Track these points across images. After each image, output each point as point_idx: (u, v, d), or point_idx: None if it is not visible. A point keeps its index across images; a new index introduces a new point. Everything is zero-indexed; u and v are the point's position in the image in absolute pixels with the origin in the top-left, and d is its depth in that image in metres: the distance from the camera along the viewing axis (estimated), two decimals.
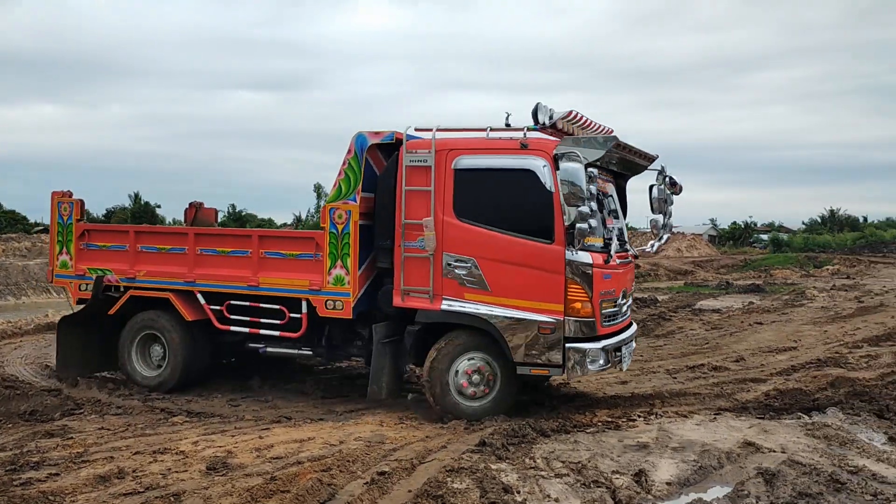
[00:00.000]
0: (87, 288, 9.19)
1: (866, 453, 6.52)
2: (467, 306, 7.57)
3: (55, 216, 9.37)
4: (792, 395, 8.81)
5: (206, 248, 8.77)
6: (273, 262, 8.42)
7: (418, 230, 7.65)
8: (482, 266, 7.54)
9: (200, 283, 8.72)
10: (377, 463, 5.91)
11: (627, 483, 5.61)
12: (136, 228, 9.50)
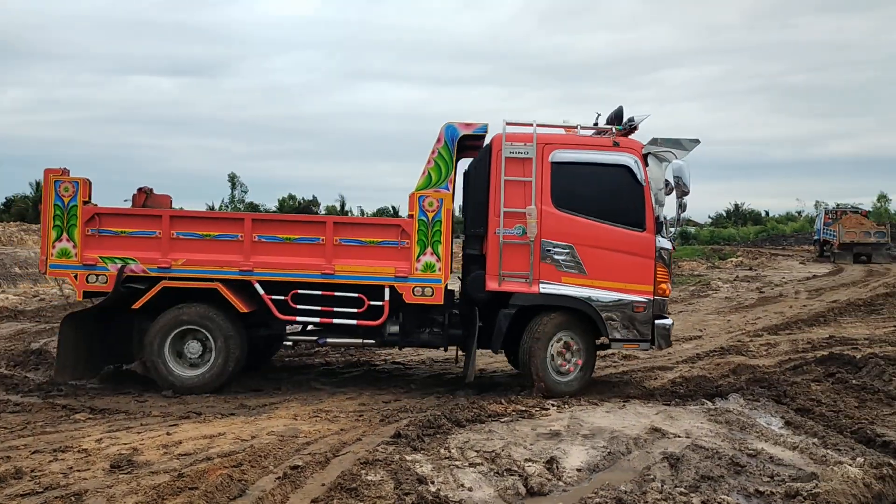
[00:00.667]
0: (98, 280, 8.13)
1: (764, 437, 6.83)
2: (566, 289, 8.23)
3: (51, 197, 8.07)
4: (696, 382, 9.16)
5: (265, 234, 8.24)
6: (350, 250, 8.24)
7: (515, 218, 8.16)
8: (580, 252, 8.26)
9: (259, 271, 8.22)
10: (290, 457, 5.81)
11: (539, 470, 5.70)
12: (172, 213, 8.50)
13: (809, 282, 25.31)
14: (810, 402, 7.93)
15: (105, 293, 8.20)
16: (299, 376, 9.44)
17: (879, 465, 5.57)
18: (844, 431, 7.03)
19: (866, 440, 6.79)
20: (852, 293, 21.59)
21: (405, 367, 10.33)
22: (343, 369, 10.04)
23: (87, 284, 8.15)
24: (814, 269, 30.68)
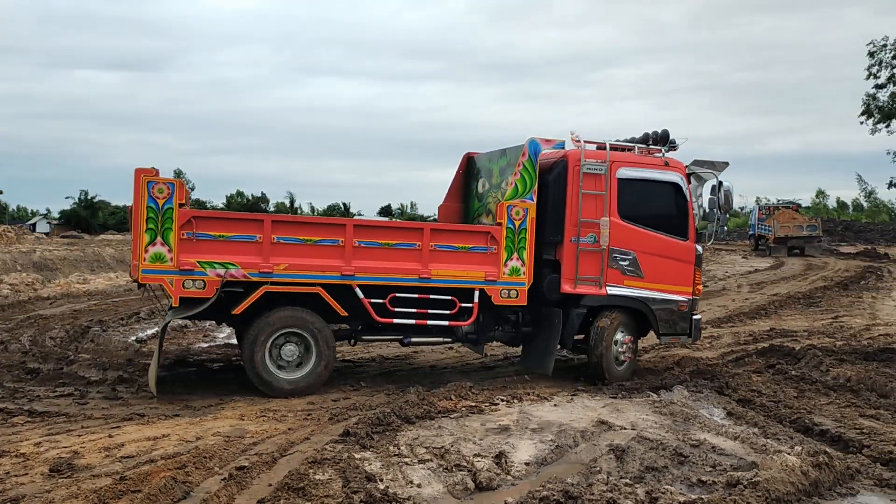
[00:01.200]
0: (195, 285, 7.82)
1: (707, 428, 6.99)
2: (628, 291, 9.28)
3: (143, 199, 7.66)
4: (642, 375, 9.32)
5: (365, 240, 8.35)
6: (443, 255, 8.58)
7: (589, 227, 9.05)
8: (640, 258, 9.30)
9: (360, 276, 8.30)
10: (236, 458, 5.73)
11: (488, 465, 5.73)
12: (273, 217, 8.42)
13: (751, 276, 25.97)
14: (751, 393, 8.14)
15: (202, 299, 7.90)
16: (246, 376, 9.30)
17: (816, 454, 5.74)
18: (783, 421, 7.23)
19: (804, 429, 7.01)
20: (792, 286, 22.22)
21: (355, 364, 10.27)
22: None
23: (184, 290, 7.83)
24: (755, 264, 31.47)
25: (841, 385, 8.69)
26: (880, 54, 74.55)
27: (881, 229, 57.73)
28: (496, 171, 9.76)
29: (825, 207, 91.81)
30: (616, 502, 5.00)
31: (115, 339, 11.76)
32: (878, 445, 6.40)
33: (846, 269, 27.62)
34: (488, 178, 9.96)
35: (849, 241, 50.94)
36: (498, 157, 9.76)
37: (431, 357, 10.91)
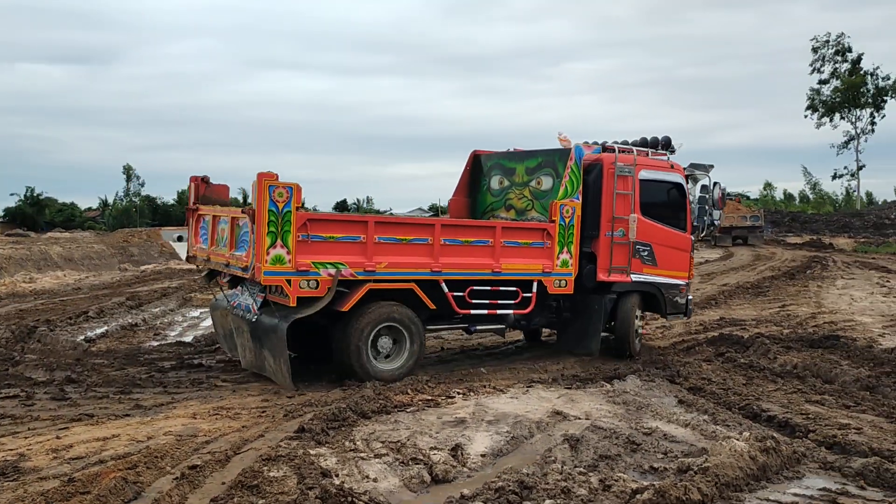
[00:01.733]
0: (309, 285, 8.07)
1: (659, 416, 7.11)
2: (646, 277, 10.56)
3: (265, 203, 7.79)
4: (596, 365, 9.44)
5: (449, 238, 8.93)
6: (511, 250, 9.35)
7: (620, 223, 10.12)
8: (655, 249, 10.59)
9: (446, 271, 8.89)
10: (189, 457, 5.64)
11: (444, 458, 5.75)
12: (376, 219, 8.98)
13: (702, 267, 26.50)
14: (701, 381, 8.31)
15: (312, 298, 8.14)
16: (199, 374, 9.17)
17: (763, 439, 5.88)
18: (733, 408, 7.40)
19: (752, 415, 7.18)
20: (741, 277, 22.74)
21: (310, 360, 10.19)
22: None
23: (300, 290, 8.05)
24: (706, 255, 32.10)
25: (787, 372, 8.92)
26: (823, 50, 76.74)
27: (826, 220, 59.38)
28: (521, 170, 10.71)
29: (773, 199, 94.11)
30: (570, 491, 5.05)
31: (63, 338, 11.47)
32: (823, 430, 6.58)
33: (793, 260, 28.35)
34: (507, 176, 10.91)
35: (795, 232, 52.32)
36: (523, 157, 10.77)
37: None
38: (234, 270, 8.49)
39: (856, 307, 15.59)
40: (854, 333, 11.59)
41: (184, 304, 16.34)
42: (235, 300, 9.08)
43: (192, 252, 9.74)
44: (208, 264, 9.27)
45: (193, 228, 9.66)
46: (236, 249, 8.43)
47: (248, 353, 8.91)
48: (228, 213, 8.80)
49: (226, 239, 8.69)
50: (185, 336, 12.30)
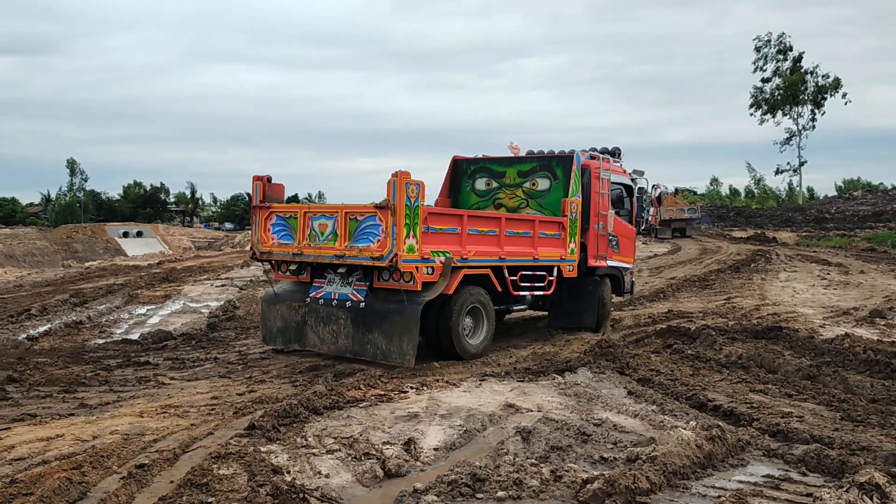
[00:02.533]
0: (427, 271, 9.13)
1: (609, 407, 7.22)
2: (614, 262, 12.57)
3: (402, 198, 8.75)
4: (548, 358, 9.53)
5: (510, 230, 10.39)
6: (541, 240, 10.90)
7: (601, 218, 12.06)
8: (619, 238, 12.64)
9: (507, 259, 10.32)
10: (136, 456, 5.53)
11: (397, 452, 5.74)
12: (468, 213, 10.19)
13: (651, 260, 26.95)
14: (650, 373, 8.45)
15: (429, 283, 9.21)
16: (146, 372, 9.00)
17: (709, 428, 6.01)
18: (680, 398, 7.55)
19: (699, 405, 7.33)
20: (689, 270, 23.19)
21: (261, 356, 10.08)
22: (195, 363, 9.66)
23: (423, 276, 9.07)
24: (655, 249, 32.66)
25: (733, 362, 9.13)
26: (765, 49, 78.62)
27: (769, 214, 60.89)
28: (512, 173, 12.26)
29: (719, 194, 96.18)
30: (522, 482, 5.10)
31: (4, 337, 11.14)
32: (767, 418, 6.76)
33: (738, 253, 29.02)
34: (495, 178, 12.42)
35: (740, 226, 53.53)
36: (513, 161, 12.37)
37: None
38: (356, 259, 9.11)
39: (798, 299, 16.04)
40: (796, 325, 11.92)
41: (130, 301, 15.99)
42: (318, 292, 9.76)
43: (263, 247, 10.05)
44: (298, 257, 9.67)
45: (262, 226, 10.05)
46: (354, 242, 9.10)
47: (340, 340, 9.52)
48: (334, 209, 9.49)
49: (330, 233, 9.35)
50: (132, 333, 12.05)
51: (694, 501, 4.96)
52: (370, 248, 8.92)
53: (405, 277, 9.02)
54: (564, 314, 12.13)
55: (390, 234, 8.76)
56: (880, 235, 39.21)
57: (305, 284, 10.11)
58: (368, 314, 9.25)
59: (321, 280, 9.83)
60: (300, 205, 10.37)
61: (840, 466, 5.46)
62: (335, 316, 9.53)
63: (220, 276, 21.04)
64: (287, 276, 10.31)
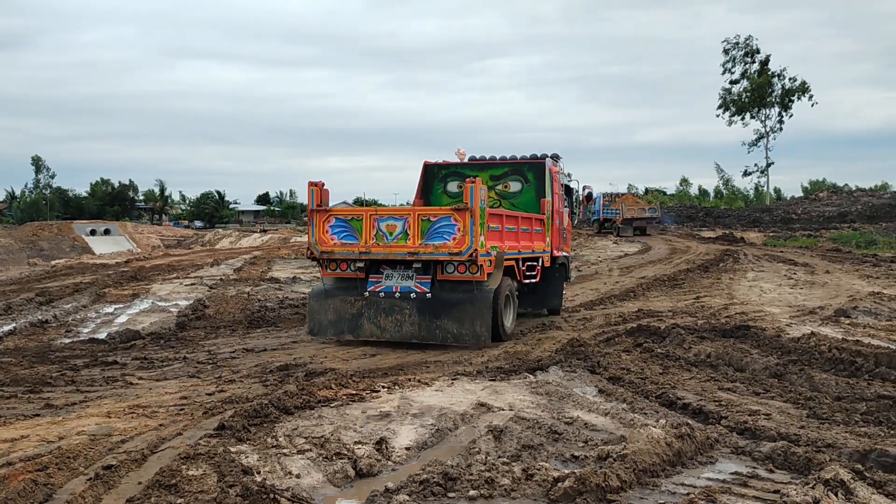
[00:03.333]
0: (487, 263, 10.47)
1: (580, 405, 7.26)
2: (565, 252, 14.52)
3: (478, 201, 10.10)
4: (520, 357, 9.56)
5: (524, 227, 12.17)
6: (534, 235, 12.63)
7: (558, 215, 13.91)
8: (567, 232, 14.85)
9: (523, 251, 11.97)
10: (103, 457, 5.45)
11: (369, 452, 5.72)
12: (506, 213, 11.66)
13: (621, 260, 27.17)
14: (621, 371, 8.51)
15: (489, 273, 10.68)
16: (113, 372, 8.87)
17: (679, 426, 6.07)
18: (650, 396, 7.61)
19: (669, 403, 7.40)
20: (658, 270, 23.41)
21: (231, 356, 9.99)
22: (163, 362, 9.54)
23: (486, 267, 10.47)
24: (625, 249, 32.93)
25: (701, 361, 9.23)
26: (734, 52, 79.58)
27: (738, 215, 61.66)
28: (484, 177, 12.96)
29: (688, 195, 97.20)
30: (494, 481, 5.11)
31: None
32: (735, 416, 6.84)
33: (707, 253, 29.36)
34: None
35: (709, 227, 54.14)
36: (484, 167, 13.66)
37: (311, 348, 10.77)
38: (433, 256, 10.28)
39: (765, 298, 16.27)
40: (763, 323, 12.09)
41: (97, 299, 15.77)
42: (377, 286, 10.72)
43: (322, 248, 10.87)
44: (366, 255, 10.59)
45: (320, 228, 10.87)
46: (428, 240, 10.29)
47: (405, 328, 10.51)
48: (404, 211, 10.84)
49: (400, 233, 10.40)
50: (99, 333, 11.88)
51: (664, 499, 5.01)
52: (447, 245, 10.17)
53: (473, 269, 10.38)
54: (538, 299, 13.64)
55: (468, 232, 10.08)
56: (845, 236, 39.87)
57: (352, 280, 10.97)
58: (435, 303, 10.39)
59: (377, 276, 10.77)
60: (364, 208, 11.75)
61: (806, 463, 5.54)
62: (398, 307, 10.50)
63: (189, 275, 20.81)
64: (336, 273, 11.07)
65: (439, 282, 10.52)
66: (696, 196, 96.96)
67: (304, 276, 20.69)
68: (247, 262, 25.49)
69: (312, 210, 10.89)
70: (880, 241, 35.64)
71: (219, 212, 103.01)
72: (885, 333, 11.37)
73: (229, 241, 45.46)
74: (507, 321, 11.30)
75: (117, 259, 27.27)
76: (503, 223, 11.13)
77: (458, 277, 10.43)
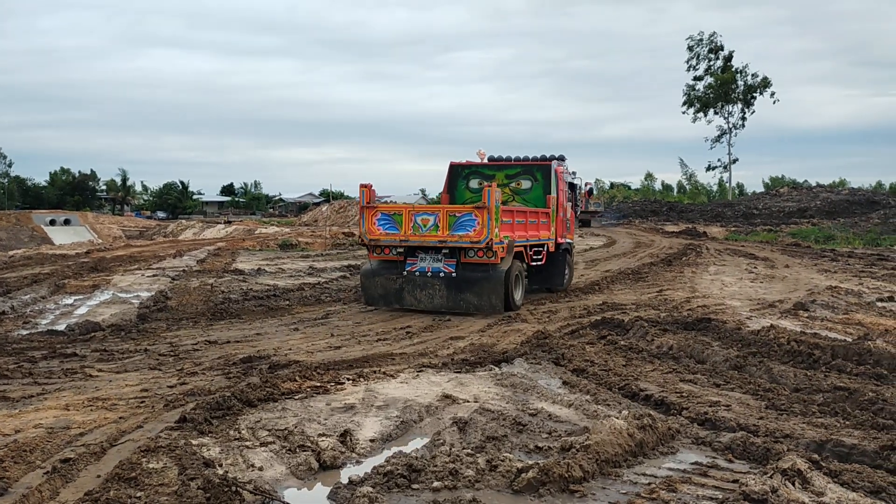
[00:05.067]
0: (501, 250, 12.98)
1: (544, 397, 7.31)
2: (569, 239, 16.87)
3: (494, 201, 12.54)
4: (485, 349, 9.59)
5: (531, 219, 14.63)
6: (539, 225, 15.07)
7: (563, 208, 16.30)
8: (570, 222, 17.13)
9: (530, 239, 14.50)
10: (61, 450, 5.36)
11: (333, 444, 5.70)
12: (516, 209, 14.20)
13: (587, 253, 27.37)
14: (585, 363, 8.59)
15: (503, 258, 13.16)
16: (72, 364, 8.71)
17: (641, 417, 6.14)
18: (613, 388, 7.69)
19: (631, 395, 7.48)
20: (623, 263, 23.63)
21: (193, 348, 9.87)
22: (124, 355, 9.39)
23: (501, 252, 12.97)
24: (591, 242, 33.17)
25: (664, 353, 9.35)
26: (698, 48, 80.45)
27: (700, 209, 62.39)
28: (500, 176, 15.71)
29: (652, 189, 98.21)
30: (458, 472, 5.12)
31: None
32: (696, 407, 6.95)
33: (670, 247, 29.70)
34: (487, 179, 15.46)
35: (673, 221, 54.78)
36: (501, 167, 15.99)
37: (275, 340, 10.68)
38: (458, 244, 12.87)
39: (726, 292, 16.51)
40: (724, 316, 12.27)
41: (56, 290, 15.46)
42: (413, 267, 13.34)
43: (371, 237, 13.45)
44: (405, 243, 13.28)
45: (369, 220, 13.44)
46: (454, 231, 12.85)
47: (437, 299, 13.11)
48: (435, 208, 13.66)
49: (432, 225, 12.98)
50: (58, 324, 11.65)
51: (625, 489, 5.07)
52: (469, 235, 12.76)
53: (489, 254, 12.84)
54: (542, 277, 15.94)
55: (486, 225, 12.60)
56: (804, 231, 40.62)
57: (392, 263, 13.63)
58: (460, 281, 13.01)
59: (413, 259, 13.38)
60: (405, 205, 14.95)
61: (765, 453, 5.65)
62: (430, 283, 13.15)
63: (151, 266, 20.50)
64: (381, 256, 13.73)
65: (462, 264, 13.06)
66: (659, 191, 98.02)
67: (269, 268, 20.51)
68: (210, 253, 25.18)
69: (363, 206, 13.56)
70: (838, 237, 36.38)
71: (182, 202, 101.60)
72: (842, 326, 11.61)
73: (193, 232, 44.85)
74: (517, 296, 13.76)
75: (77, 250, 26.76)
76: (514, 217, 13.69)
77: (478, 261, 12.94)
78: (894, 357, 8.86)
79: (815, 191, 65.32)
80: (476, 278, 12.97)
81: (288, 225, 55.93)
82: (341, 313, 13.18)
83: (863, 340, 10.07)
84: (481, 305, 12.96)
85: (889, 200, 54.06)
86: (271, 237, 34.08)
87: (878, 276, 19.61)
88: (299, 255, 25.96)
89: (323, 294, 15.65)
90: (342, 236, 35.26)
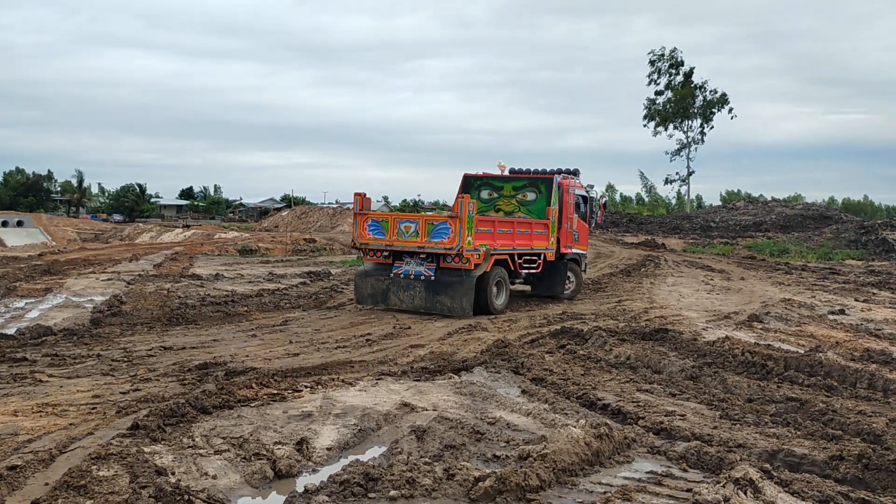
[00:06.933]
0: (477, 256, 13.78)
1: (503, 406, 7.32)
2: (576, 249, 17.57)
3: (466, 212, 13.43)
4: (445, 357, 9.58)
5: (520, 229, 15.38)
6: (536, 236, 15.83)
7: (569, 219, 17.10)
8: (579, 234, 17.72)
9: (518, 248, 15.21)
10: (7, 457, 5.21)
11: (289, 452, 5.63)
12: (498, 220, 15.04)
13: None
14: (544, 372, 8.63)
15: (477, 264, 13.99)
16: (22, 368, 8.48)
17: (598, 426, 6.19)
18: (571, 397, 7.74)
19: (589, 404, 7.54)
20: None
21: (148, 354, 9.69)
22: (76, 360, 9.17)
23: (475, 259, 13.77)
24: None
25: (622, 363, 9.44)
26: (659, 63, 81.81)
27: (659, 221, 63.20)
28: (508, 187, 16.98)
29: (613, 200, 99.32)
30: (415, 481, 5.10)
31: None
32: (652, 416, 7.03)
33: (629, 258, 30.04)
34: (496, 191, 17.03)
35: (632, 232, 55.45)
36: (509, 179, 17.24)
37: (233, 346, 10.54)
38: (433, 250, 13.79)
39: (683, 303, 16.76)
40: (681, 327, 12.45)
41: (7, 293, 15.07)
42: (398, 270, 14.36)
43: (362, 240, 14.61)
44: (389, 247, 14.32)
45: (361, 226, 14.59)
46: (431, 238, 13.78)
47: (416, 300, 14.09)
48: (416, 217, 14.83)
49: (413, 232, 13.98)
50: (8, 328, 11.34)
51: (582, 497, 5.09)
52: (443, 242, 13.61)
53: (463, 261, 13.61)
54: (544, 286, 17.01)
55: (458, 233, 13.43)
56: (759, 244, 41.43)
57: (383, 266, 14.65)
58: (437, 284, 13.91)
59: (400, 262, 14.39)
60: (391, 213, 17.09)
61: (718, 463, 5.73)
62: (412, 285, 14.11)
63: (106, 270, 20.10)
64: (374, 259, 14.77)
65: (441, 269, 13.96)
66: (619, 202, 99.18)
67: (228, 273, 20.25)
68: (168, 257, 24.79)
69: (356, 213, 14.70)
70: (792, 250, 37.22)
71: (140, 205, 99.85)
72: (795, 338, 11.86)
73: (150, 235, 44.12)
74: (499, 301, 14.67)
75: (30, 252, 26.14)
76: (495, 226, 14.50)
77: (454, 266, 13.78)
78: (844, 369, 9.07)
79: (770, 205, 66.62)
80: (450, 282, 13.86)
81: (248, 230, 55.29)
82: (300, 320, 13.06)
83: (814, 352, 10.30)
84: (453, 308, 13.78)
85: (841, 216, 55.49)
86: (231, 242, 33.67)
87: (830, 290, 20.08)
88: (259, 261, 25.70)
89: (282, 300, 15.50)
90: (303, 242, 35.00)
